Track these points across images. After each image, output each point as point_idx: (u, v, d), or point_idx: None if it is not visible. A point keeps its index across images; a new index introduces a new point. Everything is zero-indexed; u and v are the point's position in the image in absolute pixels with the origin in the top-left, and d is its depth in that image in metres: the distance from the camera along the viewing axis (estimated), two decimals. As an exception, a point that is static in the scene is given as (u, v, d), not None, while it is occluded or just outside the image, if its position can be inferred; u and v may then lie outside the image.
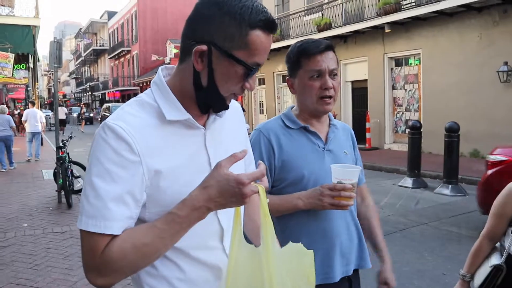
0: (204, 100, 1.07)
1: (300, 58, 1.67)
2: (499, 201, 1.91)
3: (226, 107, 1.10)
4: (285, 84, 19.24)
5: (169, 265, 1.05)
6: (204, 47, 0.99)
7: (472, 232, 5.27)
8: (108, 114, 23.20)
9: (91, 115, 40.23)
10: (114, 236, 0.94)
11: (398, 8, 12.30)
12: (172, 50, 32.07)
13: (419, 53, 12.59)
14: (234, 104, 1.25)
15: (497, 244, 1.98)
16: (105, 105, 30.51)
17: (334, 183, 1.53)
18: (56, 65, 7.75)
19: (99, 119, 31.90)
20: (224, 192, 0.92)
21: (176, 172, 1.02)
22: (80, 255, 0.99)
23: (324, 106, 1.67)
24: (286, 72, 1.80)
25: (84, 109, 38.06)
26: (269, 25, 1.01)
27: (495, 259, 1.89)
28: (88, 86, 56.94)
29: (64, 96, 65.64)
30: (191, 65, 1.03)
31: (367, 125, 13.60)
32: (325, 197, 1.53)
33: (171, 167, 1.02)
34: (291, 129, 1.72)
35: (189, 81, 1.05)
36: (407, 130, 9.61)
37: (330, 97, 1.66)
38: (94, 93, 54.06)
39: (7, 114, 11.66)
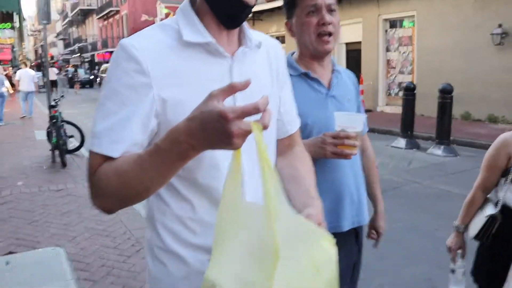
0: (216, 2, 0.98)
1: None
2: (491, 153, 1.95)
3: (243, 3, 0.97)
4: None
5: (182, 204, 1.03)
6: None
7: (463, 190, 5.30)
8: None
9: (91, 77, 34.68)
10: (114, 158, 0.91)
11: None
12: (162, 10, 31.23)
13: (414, 15, 12.42)
14: (272, 43, 1.17)
15: (489, 196, 2.04)
16: (103, 66, 27.34)
17: (337, 131, 1.47)
18: (45, 22, 7.56)
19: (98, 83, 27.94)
20: (206, 127, 0.75)
21: (192, 100, 0.85)
22: (78, 212, 0.97)
23: (324, 45, 1.59)
24: (281, 33, 1.75)
25: (77, 71, 35.09)
26: None
27: (490, 210, 1.95)
28: (77, 48, 55.68)
29: (52, 58, 64.20)
30: None
31: (360, 87, 13.45)
32: (328, 145, 1.48)
33: (186, 94, 0.94)
34: (291, 76, 1.60)
35: None
36: (400, 92, 9.62)
37: (329, 34, 1.57)
38: (83, 55, 52.95)
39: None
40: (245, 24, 1.07)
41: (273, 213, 0.74)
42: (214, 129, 0.74)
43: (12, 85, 14.28)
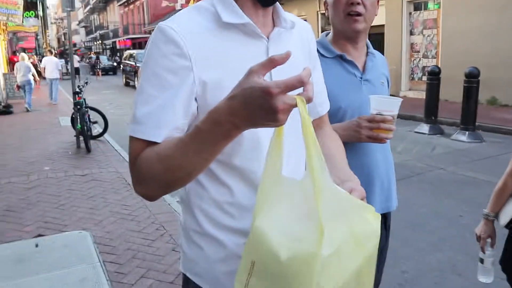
0: None
1: None
2: None
3: None
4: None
5: (220, 188, 1.02)
6: None
7: (489, 177, 5.26)
8: (131, 63, 21.11)
9: (114, 64, 34.06)
10: (157, 143, 0.91)
11: None
12: (182, -5, 31.23)
13: (439, -3, 12.10)
14: (304, 25, 1.17)
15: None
16: (127, 53, 25.14)
17: (373, 114, 1.43)
18: (68, 9, 7.63)
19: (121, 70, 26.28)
20: (249, 104, 0.72)
21: (231, 82, 0.82)
22: (103, 196, 0.97)
23: (352, 24, 1.55)
24: (302, 17, 1.73)
25: (99, 58, 34.60)
26: None
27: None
28: (98, 35, 56.31)
29: (74, 45, 65.13)
30: None
31: (383, 72, 13.33)
32: (363, 129, 1.44)
33: (225, 76, 0.93)
34: (326, 57, 1.60)
35: None
36: (424, 77, 9.42)
37: (358, 14, 1.54)
38: (105, 42, 53.49)
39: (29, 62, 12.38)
40: (278, 4, 1.06)
41: (318, 188, 0.74)
42: (257, 105, 0.71)
43: (38, 72, 14.58)
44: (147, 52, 0.95)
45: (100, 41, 56.49)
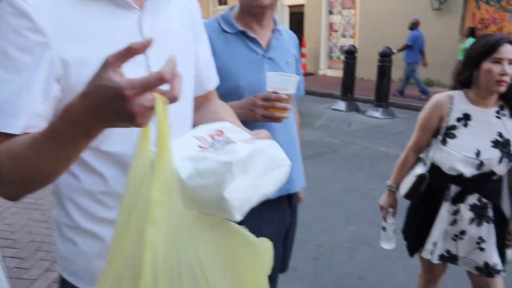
0: None
1: None
2: (424, 114, 1.96)
3: None
4: (221, 7, 18.16)
5: (92, 177, 0.91)
6: None
7: (399, 151, 5.49)
8: None
9: None
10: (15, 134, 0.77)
11: None
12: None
13: (356, -23, 12.47)
14: None
15: (421, 156, 2.07)
16: None
17: (268, 93, 1.37)
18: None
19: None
20: (102, 106, 0.62)
21: (97, 59, 0.72)
22: None
23: (257, 0, 1.47)
24: None
25: None
26: None
27: (419, 169, 1.98)
28: None
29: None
30: None
31: (303, 50, 13.48)
32: (258, 107, 1.38)
33: (92, 53, 0.80)
34: (228, 33, 1.54)
35: None
36: (342, 56, 9.71)
37: None
38: None
39: None
40: None
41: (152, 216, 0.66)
42: (112, 108, 0.61)
43: None
44: None
45: None
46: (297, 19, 14.67)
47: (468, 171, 1.82)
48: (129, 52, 0.62)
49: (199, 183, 0.69)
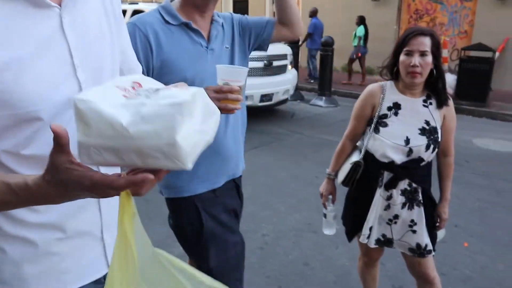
0: None
1: None
2: (358, 104, 2.04)
3: None
4: None
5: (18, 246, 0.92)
6: None
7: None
8: None
9: None
10: None
11: None
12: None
13: (299, -33, 12.60)
14: None
15: (358, 144, 2.15)
16: None
17: (220, 85, 1.39)
18: None
19: None
20: (72, 191, 0.69)
21: (20, 64, 0.77)
22: None
23: None
24: None
25: None
26: None
27: (355, 157, 2.06)
28: None
29: None
30: None
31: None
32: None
33: (11, 58, 0.77)
34: (171, 25, 1.53)
35: None
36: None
37: None
38: None
39: None
40: None
41: None
42: (82, 191, 0.68)
43: None
44: None
45: None
46: (241, 8, 14.63)
47: (399, 158, 1.91)
48: (60, 138, 0.64)
49: (144, 129, 0.61)
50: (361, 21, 10.01)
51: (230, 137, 1.69)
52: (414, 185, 1.95)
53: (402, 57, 1.86)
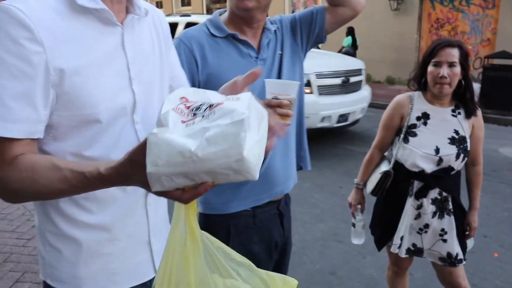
0: None
1: None
2: (387, 114, 2.07)
3: None
4: (184, 8, 17.68)
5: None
6: None
7: (365, 149, 5.73)
8: None
9: None
10: (19, 140, 0.83)
11: None
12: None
13: (318, -21, 12.69)
14: (157, 11, 1.14)
15: (386, 154, 2.17)
16: None
17: (268, 99, 1.29)
18: None
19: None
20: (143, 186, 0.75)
21: (87, 71, 0.89)
22: None
23: (240, 3, 1.40)
24: None
25: None
26: None
27: (384, 166, 2.08)
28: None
29: None
30: None
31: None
32: None
33: (81, 65, 0.88)
34: (218, 37, 1.48)
35: None
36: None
37: None
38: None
39: None
40: None
41: None
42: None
43: None
44: None
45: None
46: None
47: (429, 167, 1.93)
48: None
49: (212, 150, 0.65)
50: (350, 31, 10.33)
51: (277, 156, 1.57)
52: (444, 194, 1.96)
53: (430, 68, 1.89)
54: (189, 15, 7.25)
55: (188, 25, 6.40)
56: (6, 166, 0.82)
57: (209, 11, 14.71)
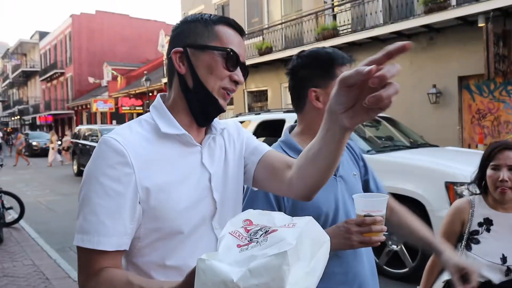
0: (196, 104, 1.08)
1: (335, 65, 1.41)
2: (447, 220, 2.02)
3: (220, 108, 1.09)
4: (256, 104, 18.24)
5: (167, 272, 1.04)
6: (180, 49, 1.07)
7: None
8: (91, 144, 14.28)
9: (50, 145, 20.32)
10: (108, 252, 0.94)
11: (335, 34, 12.88)
12: (109, 72, 31.26)
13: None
14: (232, 125, 1.27)
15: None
16: (82, 129, 16.87)
17: (362, 217, 1.26)
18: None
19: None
20: None
21: (171, 187, 1.02)
22: None
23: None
24: (256, 88, 1.64)
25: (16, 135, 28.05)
26: (231, 22, 1.08)
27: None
28: (17, 110, 53.73)
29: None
30: (177, 75, 1.08)
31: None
32: (353, 234, 1.25)
33: (165, 182, 1.01)
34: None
35: (179, 92, 1.08)
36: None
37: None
38: (24, 117, 51.09)
39: None
40: None
41: None
42: None
43: None
44: (92, 163, 0.99)
45: (18, 117, 53.79)
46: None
47: (496, 278, 1.82)
48: None
49: (254, 282, 0.64)
50: None
51: (367, 268, 1.51)
52: (516, 308, 1.82)
53: (489, 172, 1.87)
54: (259, 113, 7.62)
55: (262, 124, 6.86)
56: (92, 277, 0.93)
57: (250, 109, 15.32)
